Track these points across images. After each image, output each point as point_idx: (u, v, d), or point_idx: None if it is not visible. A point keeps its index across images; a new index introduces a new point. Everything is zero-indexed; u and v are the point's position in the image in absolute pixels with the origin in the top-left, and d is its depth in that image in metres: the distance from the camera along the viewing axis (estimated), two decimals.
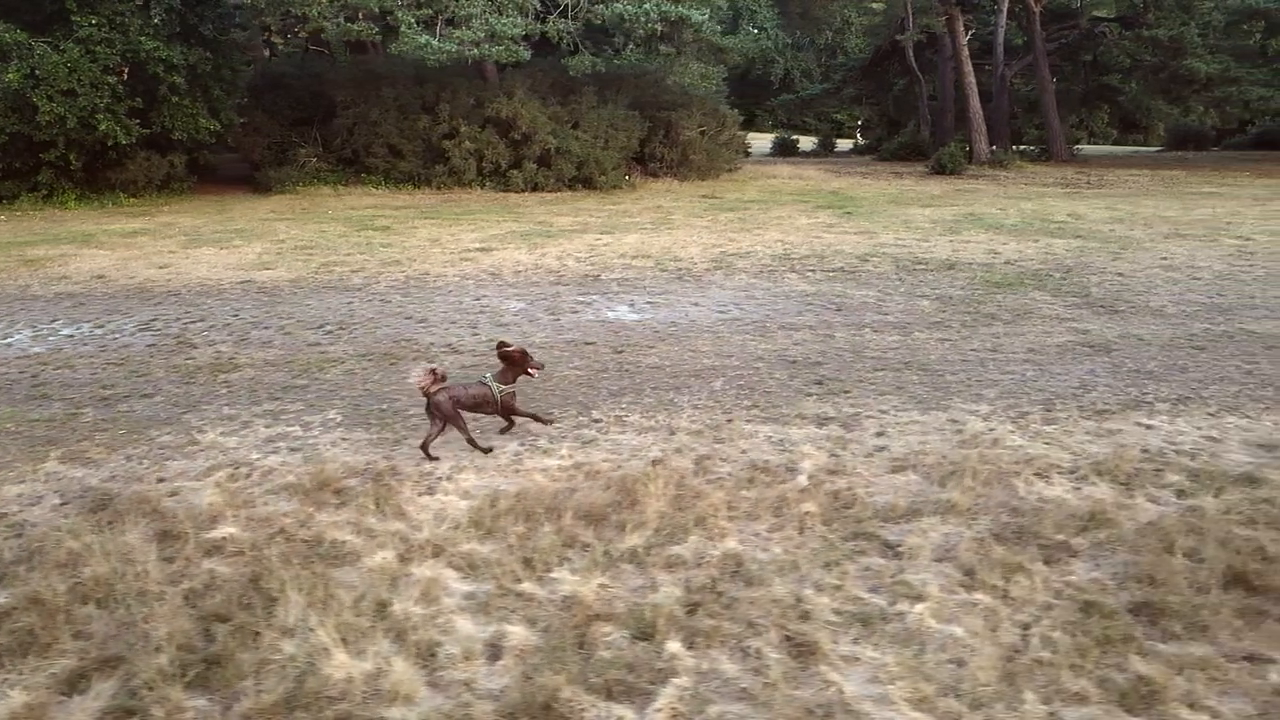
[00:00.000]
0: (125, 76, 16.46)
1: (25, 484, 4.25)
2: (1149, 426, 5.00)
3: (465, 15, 16.84)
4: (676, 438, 4.81)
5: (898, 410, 5.28)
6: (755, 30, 48.81)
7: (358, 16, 17.09)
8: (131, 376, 6.09)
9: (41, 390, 5.79)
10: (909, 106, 37.43)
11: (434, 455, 4.51)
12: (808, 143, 39.85)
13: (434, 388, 4.47)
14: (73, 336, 7.24)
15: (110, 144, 16.31)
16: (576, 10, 18.66)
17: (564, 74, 19.83)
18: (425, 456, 4.51)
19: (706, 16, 18.40)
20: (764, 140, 39.65)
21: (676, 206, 16.91)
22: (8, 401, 5.55)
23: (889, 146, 32.79)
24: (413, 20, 16.50)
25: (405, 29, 16.36)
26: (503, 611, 3.14)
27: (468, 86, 20.04)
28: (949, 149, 25.55)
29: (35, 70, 15.09)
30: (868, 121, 47.03)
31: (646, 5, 17.19)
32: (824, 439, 4.79)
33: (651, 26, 17.53)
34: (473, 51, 16.79)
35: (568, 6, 18.62)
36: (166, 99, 16.83)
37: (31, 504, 4.04)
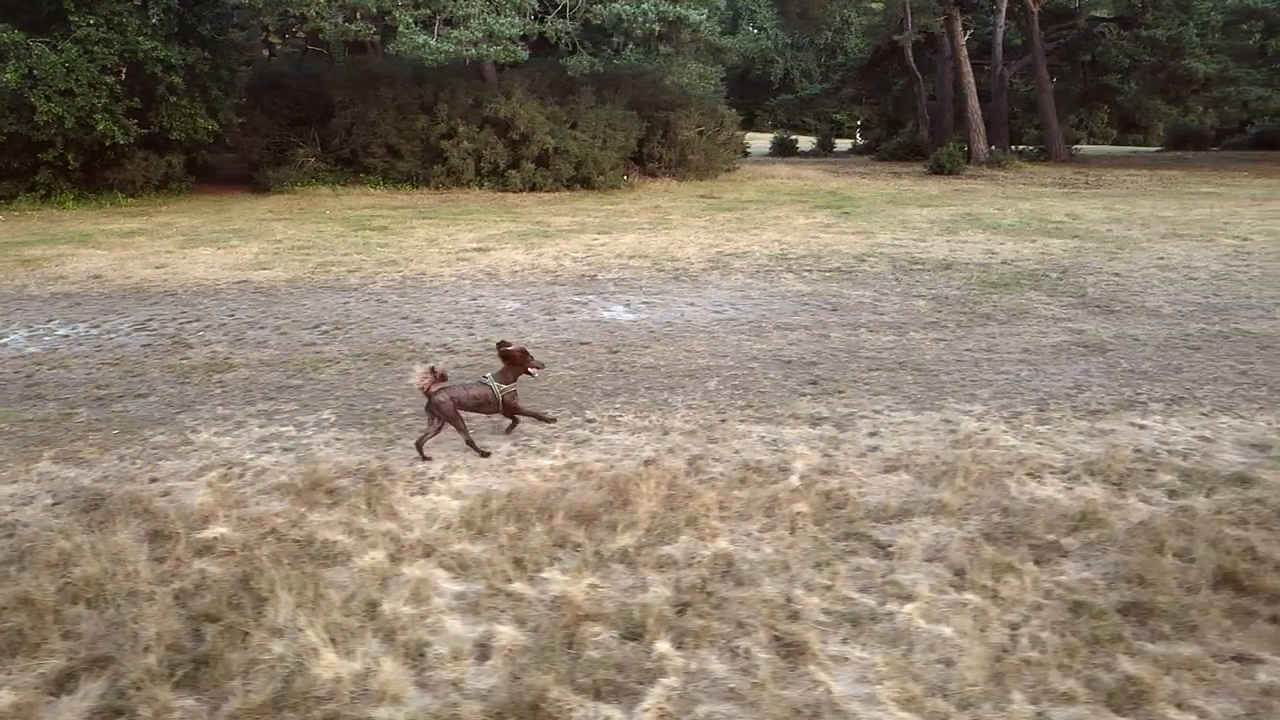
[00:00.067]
0: (123, 76, 16.47)
1: (18, 484, 4.25)
2: (1142, 426, 5.00)
3: (463, 15, 16.85)
4: (670, 438, 4.82)
5: (891, 410, 5.28)
6: (755, 30, 48.86)
7: (356, 16, 17.11)
8: (126, 376, 6.09)
9: (36, 390, 5.79)
10: (908, 106, 37.44)
11: (427, 455, 4.51)
12: (807, 143, 39.84)
13: (434, 387, 4.47)
14: (68, 336, 7.24)
15: (108, 144, 16.32)
16: (574, 10, 18.67)
17: (562, 74, 19.82)
18: (419, 456, 4.51)
19: (704, 16, 18.40)
20: (763, 140, 39.66)
21: (674, 206, 16.92)
22: (2, 401, 5.55)
23: (888, 146, 32.79)
24: (410, 20, 16.51)
25: (403, 29, 16.37)
26: (492, 611, 3.14)
27: (466, 86, 20.04)
28: (947, 149, 25.57)
29: (33, 70, 15.10)
30: (867, 121, 47.02)
31: (644, 5, 17.19)
32: (817, 439, 4.80)
33: (649, 26, 17.53)
34: (470, 51, 16.80)
35: (566, 6, 18.63)
36: (164, 99, 16.85)
37: (24, 504, 4.04)
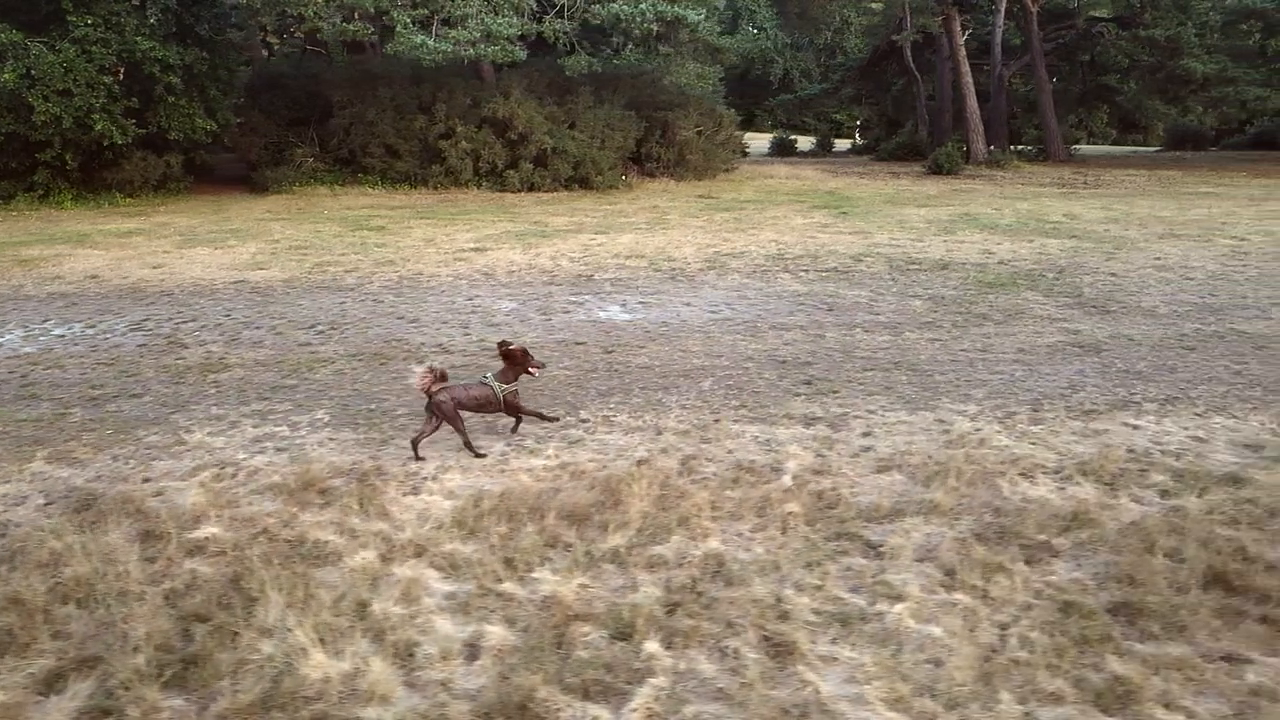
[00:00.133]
0: (121, 76, 16.48)
1: (10, 484, 4.25)
2: (1136, 427, 5.00)
3: (461, 15, 16.85)
4: (663, 438, 4.82)
5: (885, 410, 5.28)
6: (754, 30, 48.83)
7: (354, 16, 17.11)
8: (121, 376, 6.09)
9: (30, 390, 5.79)
10: (907, 107, 37.44)
11: (421, 455, 4.52)
12: (806, 143, 39.83)
13: (435, 387, 4.48)
14: (64, 336, 7.24)
15: (106, 144, 16.33)
16: (572, 10, 18.67)
17: (560, 74, 19.82)
18: (414, 455, 4.51)
19: (703, 16, 18.40)
20: (762, 140, 39.66)
21: (672, 206, 16.92)
22: None
23: (887, 146, 32.78)
24: (408, 20, 16.51)
25: (401, 29, 16.37)
26: (482, 611, 3.14)
27: (464, 86, 20.05)
28: (946, 149, 25.57)
29: (31, 70, 15.11)
30: (867, 121, 47.02)
31: (642, 5, 17.19)
32: (810, 439, 4.80)
33: (647, 26, 17.53)
34: (468, 51, 16.81)
35: (564, 6, 18.63)
36: (163, 99, 16.86)
37: (16, 504, 4.04)
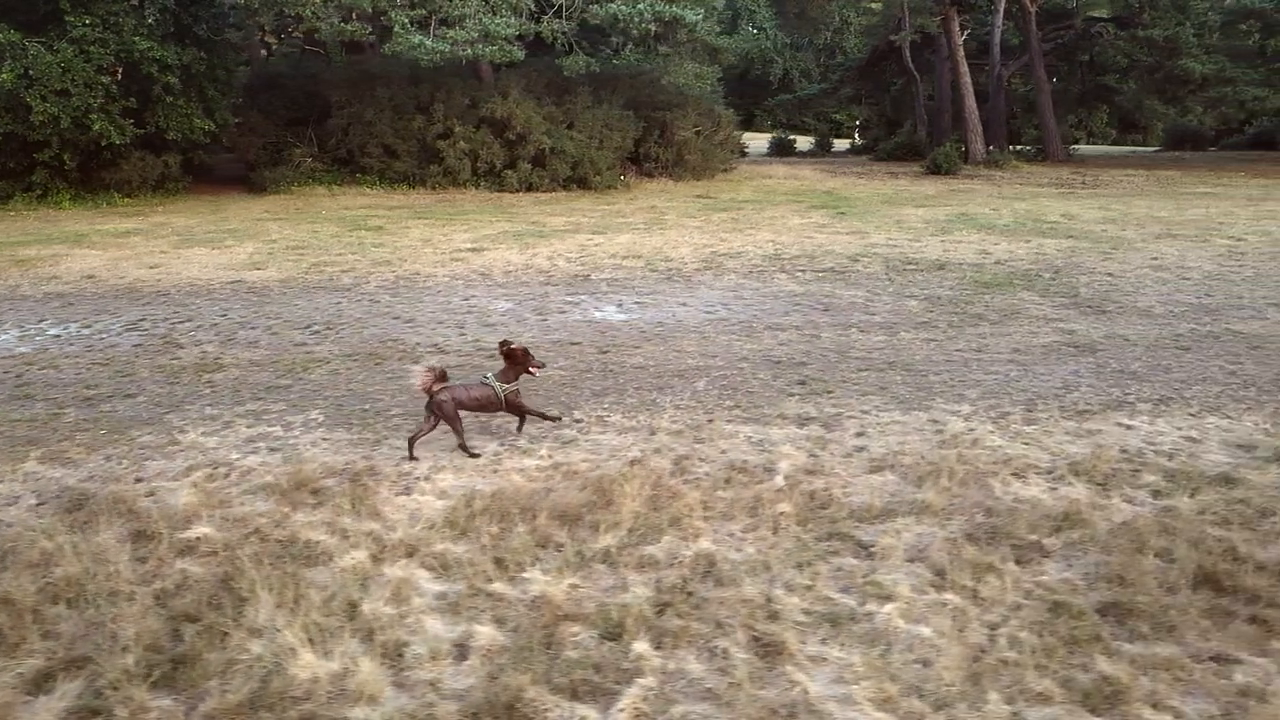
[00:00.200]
0: (119, 76, 16.49)
1: (3, 484, 4.25)
2: (1129, 427, 5.00)
3: (459, 15, 16.84)
4: (657, 438, 4.82)
5: (879, 410, 5.28)
6: (754, 30, 48.85)
7: (351, 16, 17.09)
8: (116, 376, 6.09)
9: (25, 390, 5.79)
10: (906, 107, 37.44)
11: (415, 455, 4.52)
12: (805, 143, 39.83)
13: (436, 387, 4.48)
14: (59, 336, 7.24)
15: (104, 144, 16.33)
16: (571, 10, 18.67)
17: (559, 74, 19.82)
18: (408, 454, 4.52)
19: (701, 16, 18.40)
20: (762, 140, 39.65)
21: (670, 207, 16.92)
22: None
23: (885, 146, 32.78)
24: (406, 20, 16.51)
25: (398, 29, 16.37)
26: (473, 611, 3.14)
27: (462, 86, 20.05)
28: (944, 149, 25.57)
29: (29, 70, 15.11)
30: (866, 121, 47.03)
31: (640, 5, 17.19)
32: (804, 439, 4.80)
33: (645, 27, 17.53)
34: (466, 51, 16.81)
35: (562, 6, 18.63)
36: (161, 99, 16.86)
37: (8, 504, 4.04)
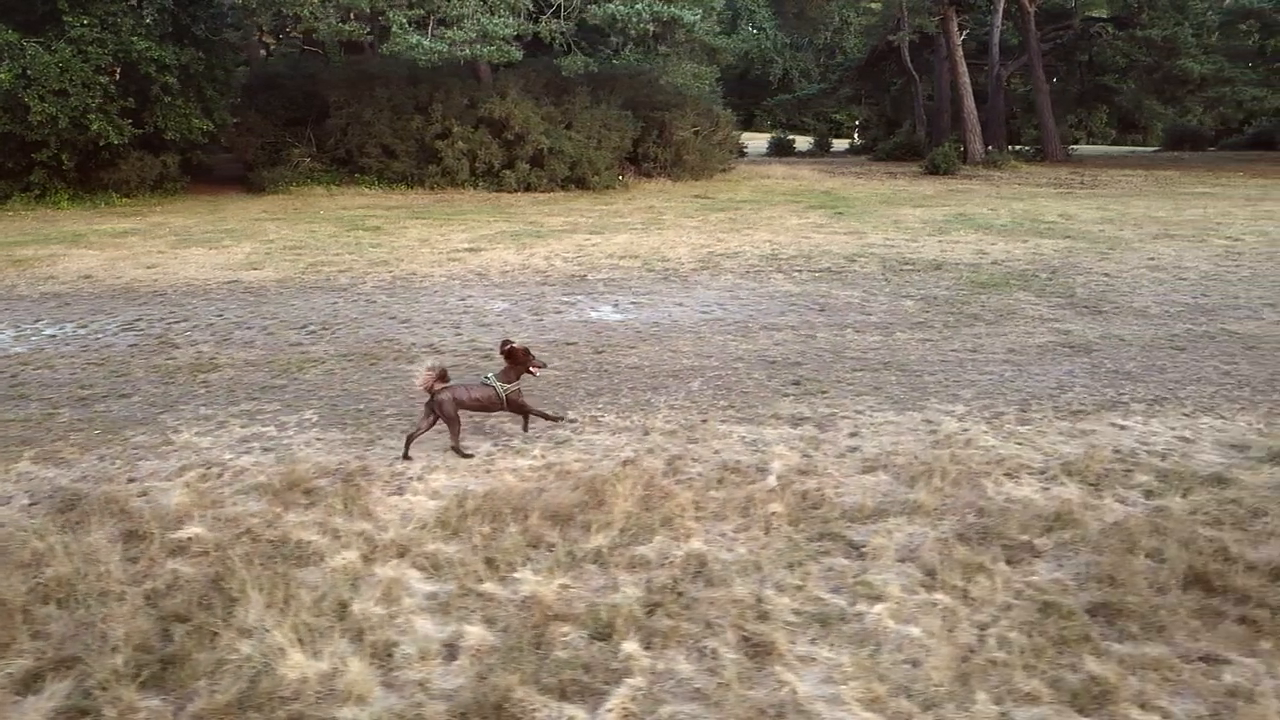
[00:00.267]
0: (117, 76, 16.48)
1: None
2: (1123, 427, 5.01)
3: (457, 15, 16.84)
4: (650, 438, 4.82)
5: (873, 410, 5.29)
6: (754, 30, 48.83)
7: (350, 17, 17.09)
8: (111, 377, 6.09)
9: (20, 390, 5.79)
10: (906, 107, 37.42)
11: (409, 455, 4.52)
12: (804, 143, 39.81)
13: (437, 386, 4.49)
14: (55, 336, 7.24)
15: (103, 144, 16.32)
16: (569, 10, 18.66)
17: (557, 74, 19.81)
18: (404, 453, 4.52)
19: (699, 16, 18.39)
20: (761, 140, 39.64)
21: (668, 207, 16.92)
22: None
23: (884, 146, 32.76)
24: (404, 20, 16.50)
25: (396, 29, 16.37)
26: (463, 611, 3.14)
27: (461, 87, 20.04)
28: (943, 149, 25.57)
29: (27, 70, 15.11)
30: (865, 121, 47.01)
31: (638, 5, 17.19)
32: (797, 439, 4.80)
33: (643, 26, 17.53)
34: (464, 52, 16.80)
35: (560, 6, 18.63)
36: (159, 99, 16.85)
37: (1, 504, 4.04)
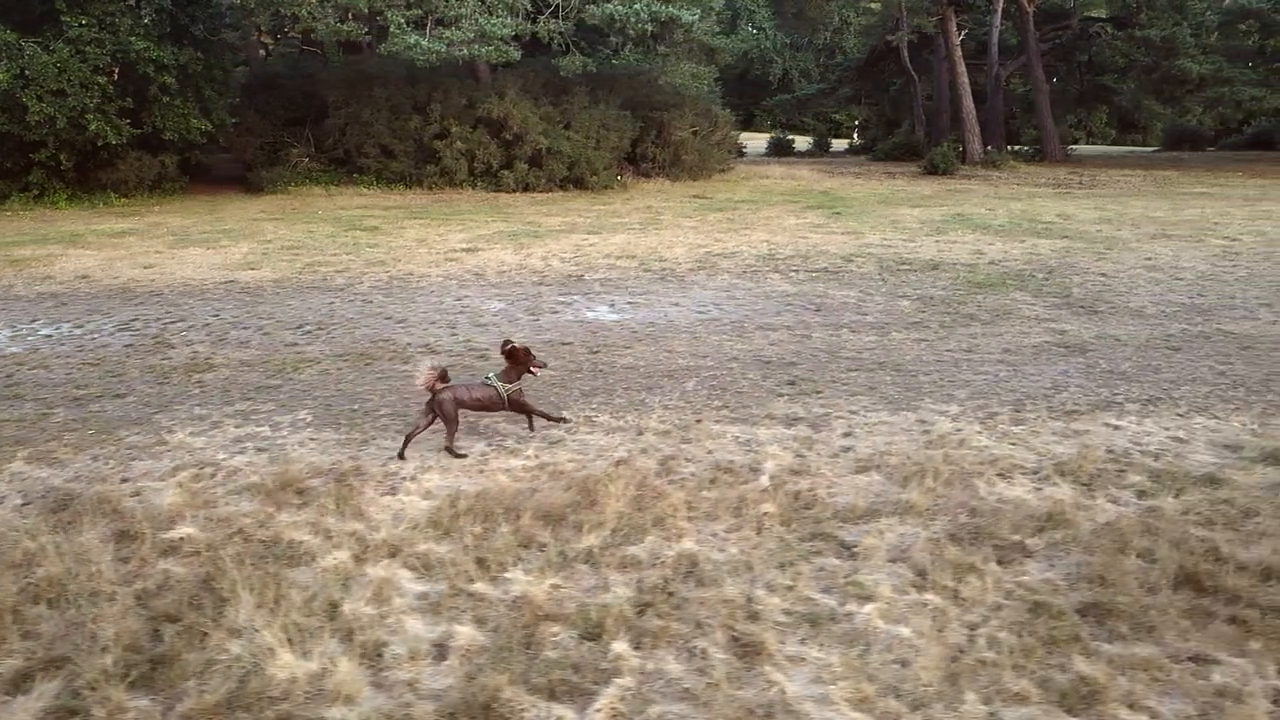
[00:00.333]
0: (115, 77, 16.48)
1: None
2: (1116, 427, 5.01)
3: (455, 15, 16.84)
4: (644, 438, 4.82)
5: (867, 411, 5.29)
6: (754, 30, 48.82)
7: (348, 17, 17.09)
8: (106, 377, 6.10)
9: (14, 390, 5.80)
10: (905, 107, 37.41)
11: (404, 454, 4.52)
12: (804, 143, 39.80)
13: (438, 385, 4.50)
14: (51, 336, 7.24)
15: (101, 144, 16.33)
16: (567, 10, 18.66)
17: (556, 74, 19.82)
18: (400, 452, 4.53)
19: (697, 17, 18.40)
20: (761, 140, 39.63)
21: (666, 207, 16.92)
22: None
23: (883, 146, 32.75)
24: (402, 20, 16.51)
25: (395, 29, 16.37)
26: (453, 611, 3.14)
27: (459, 87, 20.04)
28: (941, 149, 25.57)
29: (25, 70, 15.12)
30: (865, 121, 47.01)
31: (637, 5, 17.19)
32: (791, 439, 4.80)
33: (642, 27, 17.52)
34: (463, 52, 16.81)
35: (559, 6, 18.63)
36: (157, 99, 16.85)
37: None
